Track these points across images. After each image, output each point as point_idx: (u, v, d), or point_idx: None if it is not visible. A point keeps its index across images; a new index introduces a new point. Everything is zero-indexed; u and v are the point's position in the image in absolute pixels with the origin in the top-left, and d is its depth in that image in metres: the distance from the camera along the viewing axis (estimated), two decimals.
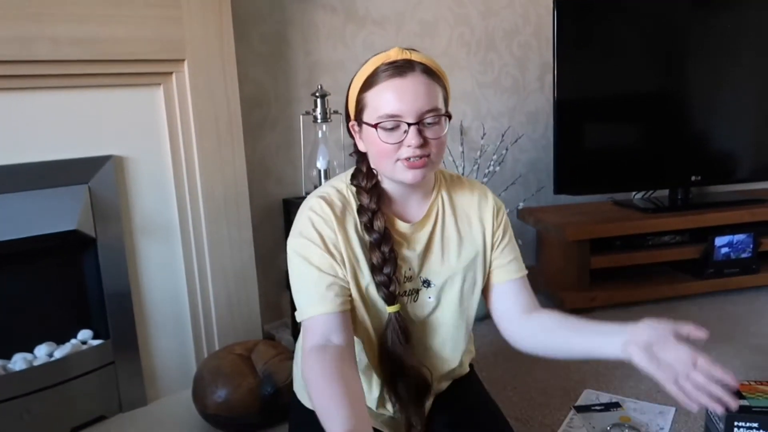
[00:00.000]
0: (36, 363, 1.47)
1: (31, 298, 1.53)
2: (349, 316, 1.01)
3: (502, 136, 2.59)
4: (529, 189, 2.77)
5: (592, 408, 1.70)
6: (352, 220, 1.02)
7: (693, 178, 2.55)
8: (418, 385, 1.06)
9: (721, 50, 2.49)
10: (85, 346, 1.56)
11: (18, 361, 1.46)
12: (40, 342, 1.54)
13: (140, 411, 1.61)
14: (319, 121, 1.94)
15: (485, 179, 2.48)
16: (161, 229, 1.63)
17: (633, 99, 2.49)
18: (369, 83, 0.97)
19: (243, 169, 1.71)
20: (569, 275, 2.44)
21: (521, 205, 2.66)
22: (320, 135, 1.98)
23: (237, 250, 1.71)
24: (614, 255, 2.42)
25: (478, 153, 2.51)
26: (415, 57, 0.97)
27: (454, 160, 2.47)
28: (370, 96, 0.97)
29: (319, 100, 1.93)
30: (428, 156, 0.96)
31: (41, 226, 1.42)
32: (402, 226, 1.05)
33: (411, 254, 1.05)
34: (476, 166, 2.49)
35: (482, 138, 2.55)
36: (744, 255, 2.47)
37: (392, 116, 0.94)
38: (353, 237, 1.01)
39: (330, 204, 1.01)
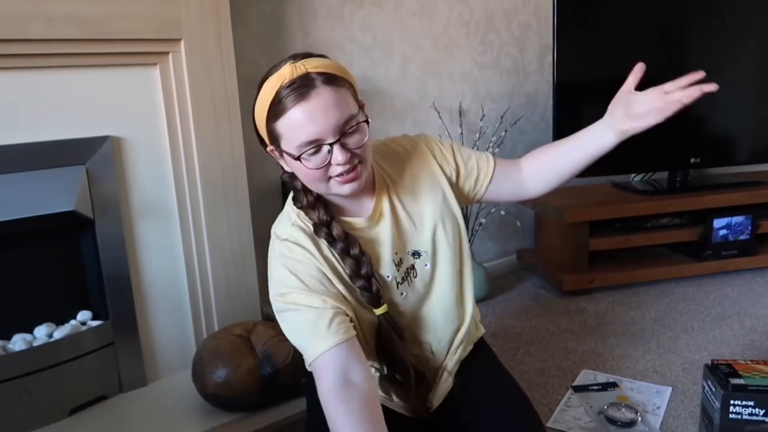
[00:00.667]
0: (36, 344, 1.47)
1: (30, 278, 1.52)
2: (357, 342, 0.97)
3: (501, 117, 2.57)
4: None
5: (590, 388, 1.71)
6: (313, 241, 1.00)
7: (692, 160, 2.55)
8: (415, 374, 1.07)
9: (721, 32, 2.47)
10: (84, 327, 1.56)
11: (18, 342, 1.47)
12: (40, 323, 1.54)
13: (140, 391, 1.62)
14: None
15: None
16: (159, 210, 1.63)
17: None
18: (275, 112, 0.91)
19: (241, 150, 1.70)
20: (567, 257, 2.45)
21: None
22: None
23: (235, 231, 1.71)
24: (613, 237, 2.43)
25: (477, 135, 2.49)
26: (310, 68, 0.90)
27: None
28: (281, 126, 0.91)
29: None
30: (357, 164, 0.94)
31: (40, 207, 1.42)
32: (358, 223, 1.03)
33: (386, 242, 1.05)
34: (475, 148, 2.48)
35: (481, 120, 2.54)
36: (742, 237, 2.48)
37: (311, 142, 0.90)
38: (330, 256, 1.00)
39: (296, 241, 0.99)
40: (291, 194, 1.05)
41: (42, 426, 1.45)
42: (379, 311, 1.02)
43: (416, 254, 1.08)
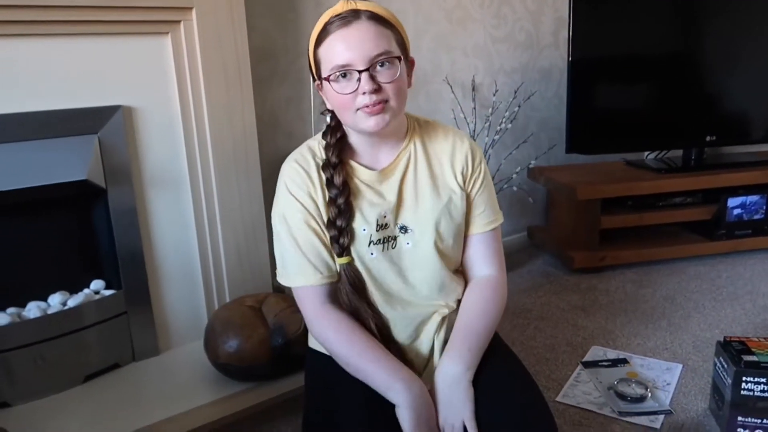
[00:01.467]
0: (50, 311, 1.49)
1: (44, 247, 1.53)
2: (336, 285, 1.07)
3: (515, 92, 2.54)
4: (540, 148, 2.74)
5: (600, 364, 1.71)
6: (320, 176, 1.06)
7: (708, 138, 2.51)
8: (380, 332, 1.07)
9: (738, 9, 2.41)
10: (97, 296, 1.57)
11: (32, 309, 1.48)
12: (54, 291, 1.55)
13: (153, 360, 1.64)
14: None
15: (496, 137, 2.45)
16: (171, 180, 1.62)
17: (649, 58, 2.44)
18: (320, 39, 0.98)
19: (252, 121, 1.69)
20: (579, 235, 2.43)
21: (532, 163, 2.63)
22: None
23: (247, 203, 1.71)
24: (625, 215, 2.41)
25: (490, 110, 2.47)
26: (360, 6, 0.97)
27: (465, 117, 2.44)
28: (322, 51, 0.98)
29: None
30: (386, 101, 0.97)
31: (52, 176, 1.42)
32: (366, 173, 1.06)
33: (381, 201, 1.06)
34: (488, 124, 2.45)
35: (494, 94, 2.50)
36: (756, 216, 2.45)
37: (342, 66, 0.95)
38: (321, 192, 1.05)
39: (303, 165, 1.05)
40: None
41: (57, 392, 1.48)
42: (341, 261, 1.05)
43: (404, 229, 1.08)
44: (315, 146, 1.09)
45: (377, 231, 1.06)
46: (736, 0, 2.41)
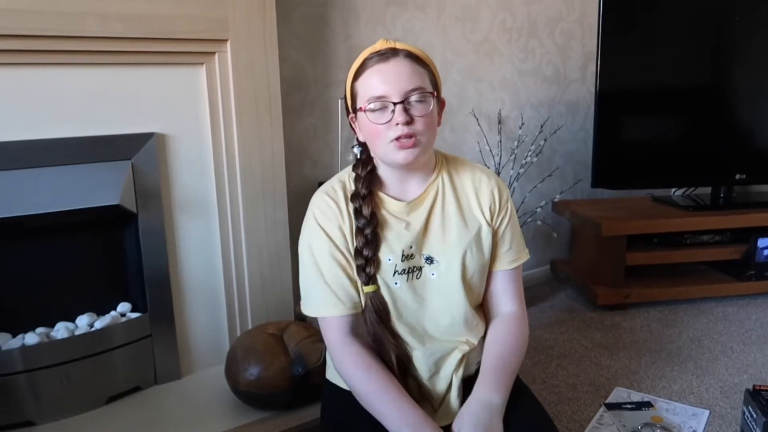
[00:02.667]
0: (77, 332, 1.52)
1: (74, 269, 1.57)
2: (360, 316, 1.09)
3: (541, 126, 2.55)
4: (566, 181, 2.73)
5: (623, 406, 1.68)
6: (349, 207, 1.09)
7: (738, 176, 2.48)
8: (399, 363, 1.08)
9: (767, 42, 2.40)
10: (123, 319, 1.60)
11: (60, 330, 1.51)
12: (82, 312, 1.58)
13: (174, 384, 1.65)
14: None
15: (522, 170, 2.45)
16: (200, 207, 1.66)
17: (677, 92, 2.43)
18: (358, 73, 1.05)
19: (281, 150, 1.72)
20: (603, 271, 2.40)
21: (557, 197, 2.62)
22: None
23: (272, 230, 1.73)
24: (651, 252, 2.38)
25: (516, 143, 2.47)
26: (399, 45, 1.04)
27: (491, 150, 2.44)
28: (359, 84, 1.04)
29: None
30: (417, 135, 1.01)
31: (86, 200, 1.46)
32: (394, 205, 1.10)
33: (408, 231, 1.09)
34: (513, 156, 2.46)
35: (520, 128, 2.51)
36: None
37: (378, 98, 1.01)
38: (348, 224, 1.08)
39: (333, 197, 1.09)
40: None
41: (80, 413, 1.49)
42: (367, 289, 1.07)
43: (429, 260, 1.10)
44: (345, 178, 1.12)
45: (402, 261, 1.08)
46: (765, 33, 2.39)
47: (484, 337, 1.17)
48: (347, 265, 1.08)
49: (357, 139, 1.13)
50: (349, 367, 1.06)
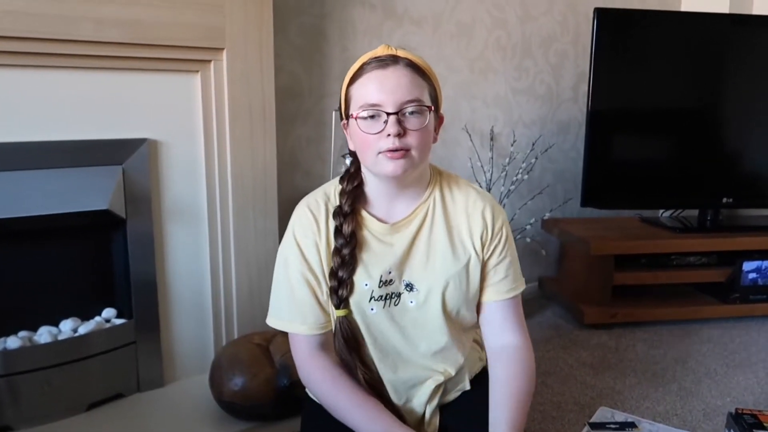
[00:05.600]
0: (60, 337, 1.50)
1: (59, 273, 1.55)
2: (331, 332, 1.05)
3: (533, 144, 2.57)
4: (555, 200, 2.75)
5: (607, 426, 1.67)
6: (330, 223, 1.04)
7: (725, 200, 2.51)
8: (370, 388, 1.04)
9: (759, 69, 2.44)
10: (108, 324, 1.58)
11: (43, 334, 1.49)
12: (66, 317, 1.57)
13: (157, 392, 1.63)
14: None
15: (512, 187, 2.46)
16: (189, 214, 1.65)
17: (668, 115, 2.46)
18: (354, 77, 0.99)
19: (273, 159, 1.72)
20: (591, 289, 2.41)
21: (547, 215, 2.63)
22: None
23: (262, 240, 1.72)
24: (638, 272, 2.40)
25: (507, 160, 2.49)
26: (400, 53, 0.98)
27: (482, 166, 2.46)
28: (354, 89, 0.98)
29: None
30: (409, 149, 0.96)
31: (74, 204, 1.45)
32: (377, 225, 1.03)
33: (389, 253, 1.03)
34: (504, 173, 2.47)
35: (512, 145, 2.53)
36: None
37: (372, 105, 0.95)
38: (327, 241, 1.03)
39: (314, 211, 1.04)
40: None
41: (59, 419, 1.47)
42: (338, 313, 1.03)
43: (409, 287, 1.04)
44: (331, 191, 1.07)
45: (380, 287, 1.03)
46: (757, 59, 2.43)
47: (479, 369, 1.14)
48: (317, 286, 1.03)
49: (348, 149, 1.08)
50: (315, 380, 1.04)
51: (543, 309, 2.61)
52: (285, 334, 1.52)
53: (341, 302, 1.02)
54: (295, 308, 1.04)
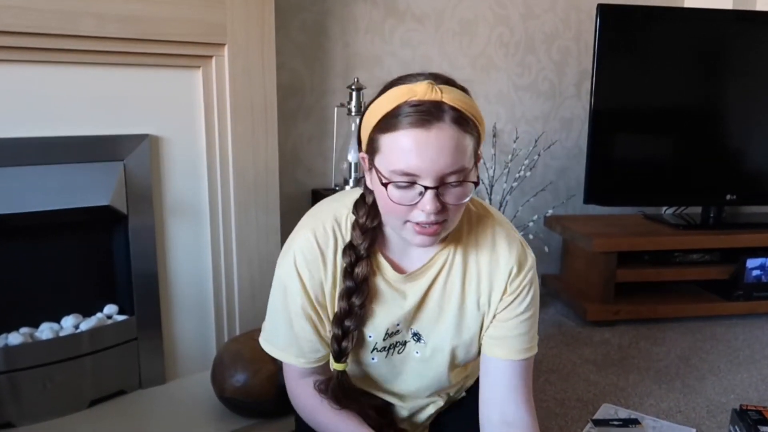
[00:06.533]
0: (62, 333, 1.50)
1: (61, 269, 1.55)
2: (327, 363, 0.98)
3: (536, 141, 2.56)
4: (558, 197, 2.74)
5: (611, 423, 1.67)
6: (338, 259, 0.92)
7: (728, 197, 2.50)
8: (378, 414, 1.00)
9: (763, 65, 2.43)
10: (110, 321, 1.58)
11: (45, 331, 1.49)
12: (68, 313, 1.56)
13: (159, 388, 1.63)
14: (353, 114, 1.94)
15: (515, 183, 2.45)
16: (191, 210, 1.64)
17: (671, 112, 2.45)
18: (386, 124, 0.80)
19: (275, 156, 1.71)
20: (594, 287, 2.41)
21: (550, 212, 2.62)
22: (353, 128, 1.97)
23: (263, 236, 1.72)
24: (641, 269, 2.39)
25: (510, 156, 2.48)
26: (446, 97, 0.79)
27: (484, 163, 2.45)
28: (386, 141, 0.80)
29: (354, 93, 1.93)
30: (442, 222, 0.83)
31: (76, 199, 1.44)
32: (392, 276, 0.93)
33: (399, 309, 0.93)
34: (506, 170, 2.46)
35: (515, 142, 2.52)
36: None
37: (407, 174, 0.79)
38: (336, 275, 0.92)
39: (321, 243, 0.91)
40: (358, 196, 0.94)
41: (61, 415, 1.47)
42: (337, 367, 0.94)
43: (417, 336, 0.96)
44: (342, 219, 0.92)
45: (384, 339, 0.95)
46: (762, 55, 2.42)
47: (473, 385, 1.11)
48: (319, 322, 0.94)
49: (365, 185, 0.91)
50: (301, 399, 0.99)
51: (546, 306, 2.61)
52: None
53: (342, 355, 0.92)
54: (292, 340, 0.96)
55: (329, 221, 0.92)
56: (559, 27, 2.60)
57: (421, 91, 0.79)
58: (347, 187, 1.95)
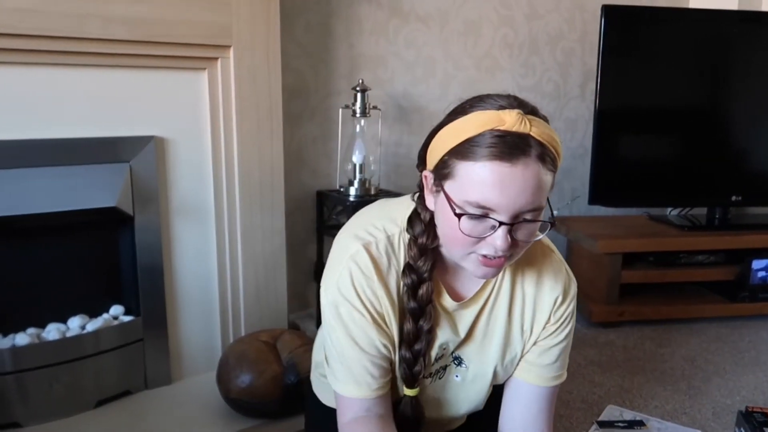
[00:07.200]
0: (68, 334, 1.50)
1: (68, 270, 1.56)
2: (389, 393, 0.91)
3: None
4: (563, 197, 2.74)
5: (616, 424, 1.67)
6: (395, 275, 0.86)
7: (733, 197, 2.49)
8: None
9: (767, 66, 2.42)
10: (116, 322, 1.58)
11: (51, 331, 1.50)
12: (74, 314, 1.57)
13: (165, 389, 1.63)
14: (357, 115, 1.94)
15: None
16: (197, 212, 1.65)
17: (676, 112, 2.44)
18: (466, 150, 0.75)
19: (280, 157, 1.72)
20: (598, 288, 2.40)
21: (554, 213, 2.62)
22: (358, 129, 1.98)
23: (269, 238, 1.72)
24: (646, 270, 2.38)
25: None
26: (534, 131, 0.75)
27: None
28: (463, 168, 0.76)
29: (359, 94, 1.93)
30: (510, 256, 0.80)
31: (82, 201, 1.45)
32: (448, 301, 0.89)
33: (452, 335, 0.91)
34: None
35: None
36: None
37: (482, 207, 0.75)
38: (393, 295, 0.87)
39: (374, 256, 0.85)
40: (409, 208, 0.89)
41: (67, 416, 1.48)
42: (409, 392, 0.91)
43: (458, 361, 0.94)
44: (395, 237, 0.87)
45: (432, 364, 0.93)
46: (764, 56, 2.41)
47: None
48: (380, 340, 0.87)
49: (421, 196, 0.87)
50: None
51: None
52: (292, 332, 1.53)
53: (414, 380, 0.89)
54: (357, 369, 0.88)
55: (381, 240, 0.87)
56: (564, 28, 2.60)
57: (510, 120, 0.74)
58: (351, 189, 1.95)
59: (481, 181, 0.74)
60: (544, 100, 2.62)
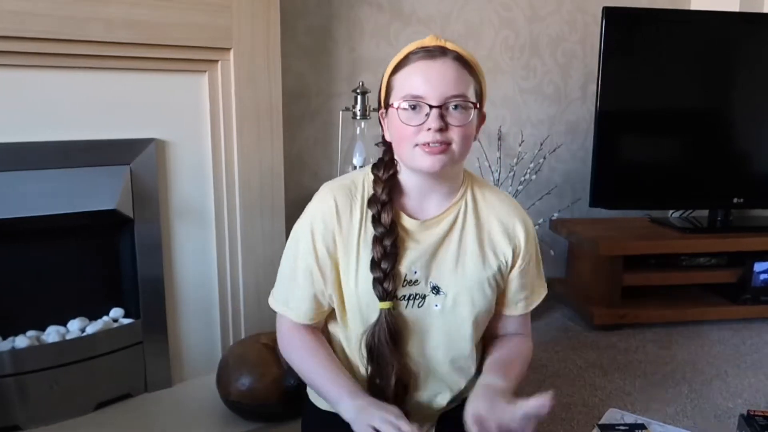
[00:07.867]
0: (68, 337, 1.51)
1: (67, 272, 1.56)
2: (319, 322, 1.07)
3: (541, 144, 2.55)
4: (564, 200, 2.73)
5: (617, 427, 1.66)
6: (358, 213, 1.00)
7: (735, 200, 2.48)
8: (396, 388, 1.01)
9: None
10: (116, 324, 1.59)
11: (51, 334, 1.50)
12: (74, 316, 1.57)
13: (165, 392, 1.63)
14: (358, 117, 1.94)
15: (520, 187, 2.45)
16: (197, 214, 1.65)
17: (677, 114, 2.44)
18: (399, 66, 0.96)
19: (280, 160, 1.72)
20: (600, 290, 2.39)
21: (555, 215, 2.62)
22: (358, 132, 1.98)
23: (269, 240, 1.72)
24: (648, 273, 2.37)
25: (515, 160, 2.48)
26: (450, 45, 0.95)
27: (490, 166, 2.45)
28: (398, 78, 0.96)
29: (359, 97, 1.93)
30: (449, 144, 0.93)
31: (82, 203, 1.45)
32: (408, 222, 1.00)
33: (415, 254, 1.00)
34: (512, 173, 2.46)
35: (520, 145, 2.52)
36: None
37: (415, 97, 0.93)
38: (354, 231, 1.00)
39: (336, 198, 1.00)
40: (376, 161, 1.06)
41: (67, 418, 1.48)
42: (382, 305, 0.98)
43: (436, 290, 1.01)
44: (359, 181, 1.03)
45: (404, 286, 1.00)
46: (765, 57, 2.41)
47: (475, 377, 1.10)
48: (320, 280, 1.01)
49: (382, 138, 1.03)
50: (293, 348, 1.06)
51: (551, 310, 2.60)
52: None
53: (387, 294, 0.98)
54: (291, 293, 1.04)
55: (346, 183, 1.03)
56: (565, 30, 2.60)
57: (428, 41, 0.96)
58: None
59: (410, 77, 0.94)
60: (545, 102, 2.62)
